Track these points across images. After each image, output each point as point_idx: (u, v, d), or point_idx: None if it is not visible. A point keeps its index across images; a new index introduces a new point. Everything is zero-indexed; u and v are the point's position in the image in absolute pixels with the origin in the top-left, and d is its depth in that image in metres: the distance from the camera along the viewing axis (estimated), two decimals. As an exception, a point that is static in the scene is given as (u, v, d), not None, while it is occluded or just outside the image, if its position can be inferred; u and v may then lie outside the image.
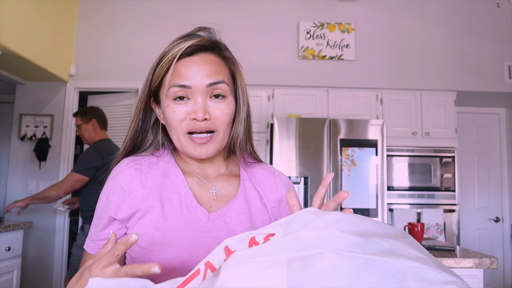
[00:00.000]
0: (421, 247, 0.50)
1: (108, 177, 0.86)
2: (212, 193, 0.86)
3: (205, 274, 0.45)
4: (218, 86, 0.80)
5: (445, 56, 3.85)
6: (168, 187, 0.83)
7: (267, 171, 0.95)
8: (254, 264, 0.44)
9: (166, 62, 0.80)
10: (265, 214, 0.89)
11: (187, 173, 0.87)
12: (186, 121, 0.79)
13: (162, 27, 3.84)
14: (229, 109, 0.82)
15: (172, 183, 0.84)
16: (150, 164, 0.86)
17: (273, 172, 0.96)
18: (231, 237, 0.48)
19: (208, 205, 0.84)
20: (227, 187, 0.88)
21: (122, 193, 0.81)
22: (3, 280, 2.67)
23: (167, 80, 0.80)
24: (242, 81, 0.87)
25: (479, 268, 1.84)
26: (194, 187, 0.86)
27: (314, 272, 0.41)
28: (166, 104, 0.81)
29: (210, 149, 0.81)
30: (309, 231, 0.46)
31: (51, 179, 3.65)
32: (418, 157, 3.67)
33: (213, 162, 0.90)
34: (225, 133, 0.83)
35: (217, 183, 0.88)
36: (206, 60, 0.81)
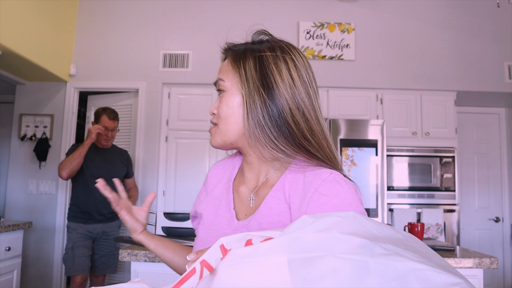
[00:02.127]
0: (425, 247, 0.50)
1: None
2: (249, 200, 0.87)
3: (201, 273, 0.45)
4: (218, 84, 0.86)
5: (445, 56, 3.84)
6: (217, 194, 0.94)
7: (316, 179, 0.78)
8: (252, 264, 0.43)
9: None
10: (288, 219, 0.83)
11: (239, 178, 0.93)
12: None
13: (162, 27, 3.84)
14: (223, 102, 0.84)
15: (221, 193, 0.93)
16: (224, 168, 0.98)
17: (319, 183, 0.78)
18: (227, 236, 0.48)
19: (243, 214, 0.86)
20: (261, 196, 0.85)
21: (204, 184, 1.00)
22: (3, 280, 2.67)
23: None
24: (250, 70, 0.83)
25: (479, 268, 1.84)
26: (236, 192, 0.91)
27: (316, 275, 0.40)
28: None
29: (213, 138, 0.87)
30: (309, 233, 0.45)
31: (51, 179, 3.66)
32: (418, 157, 3.67)
33: (254, 166, 0.88)
34: (226, 126, 0.84)
35: (258, 189, 0.86)
36: (222, 65, 0.90)
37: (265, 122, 0.79)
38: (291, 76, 0.83)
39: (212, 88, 3.73)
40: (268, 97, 0.80)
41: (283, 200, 0.81)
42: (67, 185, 3.68)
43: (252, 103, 0.80)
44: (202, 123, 3.70)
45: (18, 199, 3.65)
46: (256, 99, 0.80)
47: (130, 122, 3.79)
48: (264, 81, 0.81)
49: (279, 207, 0.81)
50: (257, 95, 0.80)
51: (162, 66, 3.78)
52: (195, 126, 3.69)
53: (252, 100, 0.80)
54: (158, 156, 3.69)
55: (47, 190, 3.65)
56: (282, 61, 0.84)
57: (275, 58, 0.84)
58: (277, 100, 0.80)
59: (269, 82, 0.81)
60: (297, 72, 0.85)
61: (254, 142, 0.81)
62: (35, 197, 3.65)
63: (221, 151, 3.88)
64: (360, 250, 0.43)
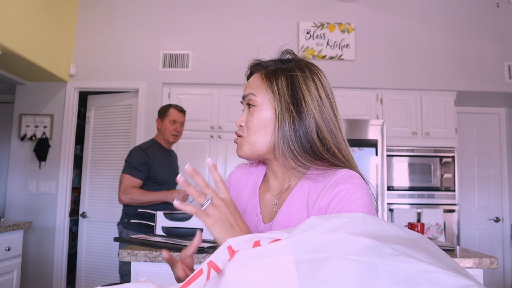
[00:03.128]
0: (435, 247, 0.49)
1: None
2: (273, 205, 0.93)
3: (208, 274, 0.45)
4: (248, 98, 0.91)
5: (445, 56, 3.84)
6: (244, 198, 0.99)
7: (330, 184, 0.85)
8: (259, 265, 0.43)
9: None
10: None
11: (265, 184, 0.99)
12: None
13: (162, 27, 3.83)
14: (253, 115, 0.90)
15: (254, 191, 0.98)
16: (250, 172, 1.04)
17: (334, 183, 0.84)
18: (234, 237, 0.48)
19: (268, 217, 0.93)
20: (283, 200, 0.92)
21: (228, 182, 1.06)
22: (3, 280, 2.67)
23: None
24: (282, 86, 0.89)
25: (479, 268, 1.84)
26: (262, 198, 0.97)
27: (323, 276, 0.40)
28: None
29: (239, 148, 0.92)
30: (317, 234, 0.45)
31: (51, 179, 3.65)
32: (418, 157, 3.67)
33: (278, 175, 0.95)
34: (253, 137, 0.90)
35: (282, 195, 0.93)
36: (251, 79, 0.95)
37: (291, 138, 0.86)
38: (319, 95, 0.90)
39: (212, 88, 3.72)
40: (297, 115, 0.87)
41: (302, 200, 0.88)
42: (67, 185, 3.68)
43: (283, 119, 0.87)
44: (202, 123, 3.69)
45: (18, 199, 3.64)
46: (286, 116, 0.86)
47: (130, 122, 3.79)
48: (295, 99, 0.88)
49: (299, 206, 0.87)
50: (287, 113, 0.87)
51: (162, 66, 3.78)
52: (195, 126, 3.69)
53: (283, 117, 0.87)
54: (158, 156, 3.68)
55: (47, 190, 3.65)
56: (311, 80, 0.91)
57: (305, 78, 0.90)
58: (305, 118, 0.87)
59: (299, 101, 0.87)
60: (324, 91, 0.92)
61: (280, 154, 0.88)
62: (35, 197, 3.65)
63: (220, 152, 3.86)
64: (368, 251, 0.42)
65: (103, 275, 3.62)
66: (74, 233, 4.34)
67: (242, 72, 3.86)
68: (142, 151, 2.68)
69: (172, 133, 2.76)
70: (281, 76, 0.90)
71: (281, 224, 0.87)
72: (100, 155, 3.85)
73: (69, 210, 3.69)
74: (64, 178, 3.67)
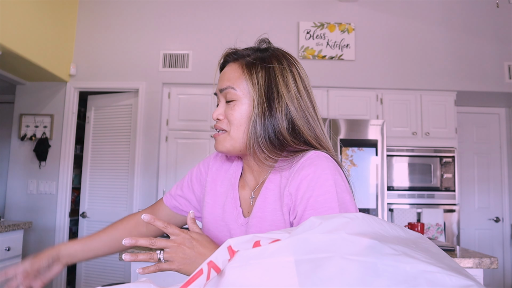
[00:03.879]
0: (435, 247, 0.49)
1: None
2: (250, 199, 0.93)
3: (208, 274, 0.45)
4: (227, 91, 0.88)
5: (445, 56, 3.85)
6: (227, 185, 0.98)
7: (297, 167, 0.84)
8: (259, 265, 0.43)
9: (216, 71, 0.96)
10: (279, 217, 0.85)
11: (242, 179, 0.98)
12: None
13: (162, 27, 3.83)
14: (235, 110, 0.87)
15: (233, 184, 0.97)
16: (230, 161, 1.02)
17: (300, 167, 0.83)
18: (234, 238, 0.48)
19: (247, 211, 0.92)
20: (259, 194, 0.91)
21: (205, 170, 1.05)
22: (3, 280, 2.66)
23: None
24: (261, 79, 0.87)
25: (479, 268, 1.84)
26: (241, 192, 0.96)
27: (323, 277, 0.40)
28: None
29: (220, 143, 0.90)
30: (317, 234, 0.45)
31: (51, 179, 3.65)
32: (418, 157, 3.67)
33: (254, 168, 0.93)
34: (236, 132, 0.87)
35: (257, 188, 0.92)
36: (228, 69, 0.91)
37: (260, 132, 0.84)
38: (297, 87, 0.88)
39: (212, 88, 3.72)
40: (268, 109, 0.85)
41: (275, 190, 0.86)
42: (67, 185, 3.68)
43: (256, 113, 0.85)
44: (202, 123, 3.69)
45: (18, 199, 3.64)
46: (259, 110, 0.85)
47: (130, 122, 3.79)
48: (269, 93, 0.86)
49: (273, 197, 0.86)
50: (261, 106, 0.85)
51: (162, 66, 3.78)
52: (195, 126, 3.69)
53: (257, 110, 0.85)
54: (158, 156, 3.69)
55: (47, 190, 3.65)
56: (288, 72, 0.88)
57: (283, 70, 0.87)
58: (275, 112, 0.85)
59: (273, 94, 0.86)
60: (302, 83, 0.89)
61: (251, 149, 0.86)
62: (35, 197, 3.65)
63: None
64: (368, 251, 0.42)
65: (103, 275, 3.62)
66: (74, 233, 4.34)
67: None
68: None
69: None
70: (259, 68, 0.88)
71: (257, 216, 0.86)
72: (100, 155, 3.85)
73: (69, 210, 3.69)
74: (64, 178, 3.67)
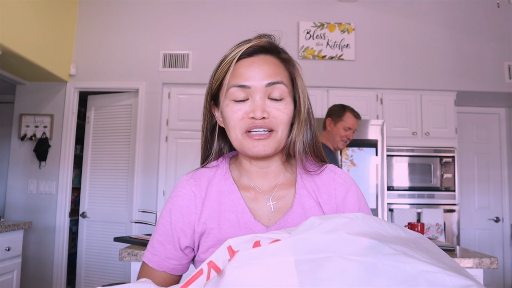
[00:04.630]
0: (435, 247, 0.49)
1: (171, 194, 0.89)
2: (269, 205, 0.84)
3: (208, 274, 0.45)
4: (276, 86, 0.80)
5: (445, 56, 3.85)
6: (225, 206, 0.84)
7: (328, 176, 0.88)
8: (259, 265, 0.43)
9: (226, 64, 0.82)
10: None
11: (243, 187, 0.87)
12: (244, 120, 0.80)
13: (162, 27, 3.83)
14: (287, 109, 0.81)
15: (229, 201, 0.84)
16: (208, 179, 0.87)
17: (333, 176, 0.88)
18: (234, 238, 0.48)
19: (266, 219, 0.84)
20: (284, 198, 0.86)
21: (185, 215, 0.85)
22: (3, 280, 2.67)
23: (227, 80, 0.82)
24: (302, 83, 0.86)
25: (479, 268, 1.84)
26: (251, 202, 0.85)
27: (323, 277, 0.40)
28: (226, 104, 0.82)
29: (268, 146, 0.80)
30: (317, 234, 0.45)
31: (51, 179, 3.65)
32: (418, 157, 3.67)
33: (270, 170, 0.88)
34: (283, 133, 0.82)
35: (274, 194, 0.86)
36: (265, 61, 0.82)
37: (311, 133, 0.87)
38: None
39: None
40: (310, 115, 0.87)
41: (311, 198, 0.85)
42: (67, 185, 3.68)
43: (302, 114, 0.85)
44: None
45: (18, 199, 3.64)
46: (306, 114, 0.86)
47: (130, 122, 3.79)
48: (305, 92, 0.86)
49: (310, 204, 0.85)
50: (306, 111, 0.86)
51: (162, 66, 3.78)
52: (195, 126, 3.69)
53: (303, 111, 0.85)
54: (158, 156, 3.69)
55: (47, 190, 3.65)
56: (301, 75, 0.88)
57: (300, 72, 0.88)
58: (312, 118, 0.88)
59: (305, 92, 0.86)
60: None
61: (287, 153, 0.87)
62: (35, 197, 3.65)
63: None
64: (368, 251, 0.42)
65: (103, 275, 3.62)
66: (74, 233, 4.34)
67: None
68: None
69: (343, 139, 2.51)
70: (295, 67, 0.86)
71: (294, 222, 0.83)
72: (100, 155, 3.85)
73: (69, 210, 3.69)
74: (64, 178, 3.67)
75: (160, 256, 0.85)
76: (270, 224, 0.83)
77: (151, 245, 0.87)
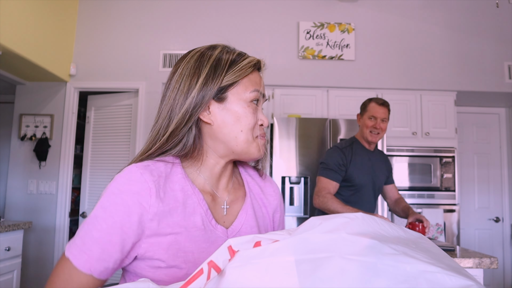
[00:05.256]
0: (435, 247, 0.49)
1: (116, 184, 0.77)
2: (223, 208, 0.86)
3: (209, 273, 0.45)
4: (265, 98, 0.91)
5: (445, 56, 3.85)
6: (190, 209, 0.79)
7: (267, 179, 0.98)
8: (260, 265, 0.43)
9: (248, 65, 0.85)
10: (269, 222, 0.95)
11: (202, 189, 0.85)
12: (257, 127, 0.85)
13: (162, 27, 3.83)
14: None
15: (193, 203, 0.80)
16: (165, 175, 0.80)
17: (271, 180, 1.00)
18: (235, 238, 0.48)
19: (221, 221, 0.85)
20: (236, 200, 0.89)
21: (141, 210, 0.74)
22: (3, 280, 2.67)
23: (248, 82, 0.84)
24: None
25: (479, 268, 1.84)
26: (210, 203, 0.84)
27: (323, 276, 0.40)
28: (244, 105, 0.83)
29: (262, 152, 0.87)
30: (317, 234, 0.45)
31: (51, 179, 3.65)
32: (418, 157, 3.67)
33: (228, 173, 0.89)
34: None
35: (226, 196, 0.88)
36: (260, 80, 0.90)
37: None
38: None
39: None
40: None
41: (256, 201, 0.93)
42: (67, 185, 3.68)
43: None
44: (202, 123, 3.69)
45: (18, 199, 3.64)
46: None
47: (130, 122, 3.79)
48: None
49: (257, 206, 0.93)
50: None
51: (162, 66, 3.78)
52: (195, 126, 3.69)
53: None
54: (158, 156, 3.68)
55: (47, 190, 3.65)
56: None
57: None
58: None
59: None
60: None
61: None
62: (35, 197, 3.65)
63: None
64: (368, 251, 0.42)
65: (103, 275, 3.61)
66: (74, 233, 4.34)
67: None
68: (339, 150, 2.41)
69: (370, 130, 2.40)
70: None
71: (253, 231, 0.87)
72: (100, 155, 3.85)
73: (69, 210, 3.69)
74: (64, 178, 3.67)
75: (91, 256, 0.71)
76: (226, 226, 0.84)
77: (82, 239, 0.72)
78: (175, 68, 0.88)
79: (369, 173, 2.42)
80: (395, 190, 2.60)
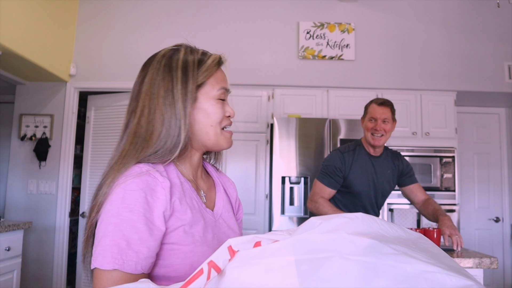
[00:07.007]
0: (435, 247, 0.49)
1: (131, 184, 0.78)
2: (202, 196, 0.94)
3: (209, 274, 0.45)
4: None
5: (445, 56, 3.85)
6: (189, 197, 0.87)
7: (222, 173, 1.09)
8: (260, 265, 0.43)
9: (213, 64, 0.92)
10: (234, 208, 1.05)
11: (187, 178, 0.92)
12: (224, 118, 0.92)
13: (162, 27, 3.84)
14: None
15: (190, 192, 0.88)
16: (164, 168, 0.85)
17: (224, 174, 1.10)
18: (234, 238, 0.48)
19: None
20: (210, 188, 0.98)
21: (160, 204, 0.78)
22: (3, 280, 2.67)
23: (214, 81, 0.92)
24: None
25: (479, 268, 1.84)
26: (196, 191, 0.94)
27: (323, 276, 0.40)
28: (212, 103, 0.90)
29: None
30: (317, 234, 0.45)
31: (51, 179, 3.65)
32: (418, 157, 3.67)
33: (200, 163, 0.98)
34: None
35: (203, 184, 0.97)
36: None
37: None
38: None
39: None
40: None
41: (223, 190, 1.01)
42: (67, 185, 3.68)
43: None
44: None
45: (18, 199, 3.64)
46: None
47: (130, 122, 3.78)
48: None
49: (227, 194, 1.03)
50: None
51: (162, 66, 3.78)
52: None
53: None
54: (158, 156, 3.68)
55: (47, 190, 3.65)
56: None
57: None
58: None
59: None
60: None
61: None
62: (35, 197, 3.65)
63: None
64: (368, 251, 0.42)
65: (103, 275, 3.61)
66: (74, 233, 4.34)
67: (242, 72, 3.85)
68: (340, 154, 2.29)
69: (371, 133, 2.24)
70: None
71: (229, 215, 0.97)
72: (100, 155, 3.85)
73: (69, 210, 3.69)
74: (64, 178, 3.67)
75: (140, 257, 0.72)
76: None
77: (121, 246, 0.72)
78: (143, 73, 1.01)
79: (370, 180, 2.29)
80: (420, 191, 2.37)
